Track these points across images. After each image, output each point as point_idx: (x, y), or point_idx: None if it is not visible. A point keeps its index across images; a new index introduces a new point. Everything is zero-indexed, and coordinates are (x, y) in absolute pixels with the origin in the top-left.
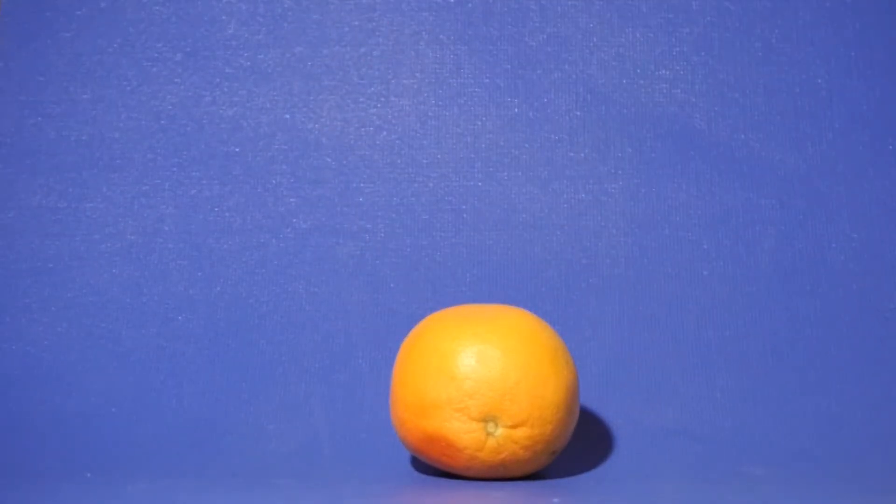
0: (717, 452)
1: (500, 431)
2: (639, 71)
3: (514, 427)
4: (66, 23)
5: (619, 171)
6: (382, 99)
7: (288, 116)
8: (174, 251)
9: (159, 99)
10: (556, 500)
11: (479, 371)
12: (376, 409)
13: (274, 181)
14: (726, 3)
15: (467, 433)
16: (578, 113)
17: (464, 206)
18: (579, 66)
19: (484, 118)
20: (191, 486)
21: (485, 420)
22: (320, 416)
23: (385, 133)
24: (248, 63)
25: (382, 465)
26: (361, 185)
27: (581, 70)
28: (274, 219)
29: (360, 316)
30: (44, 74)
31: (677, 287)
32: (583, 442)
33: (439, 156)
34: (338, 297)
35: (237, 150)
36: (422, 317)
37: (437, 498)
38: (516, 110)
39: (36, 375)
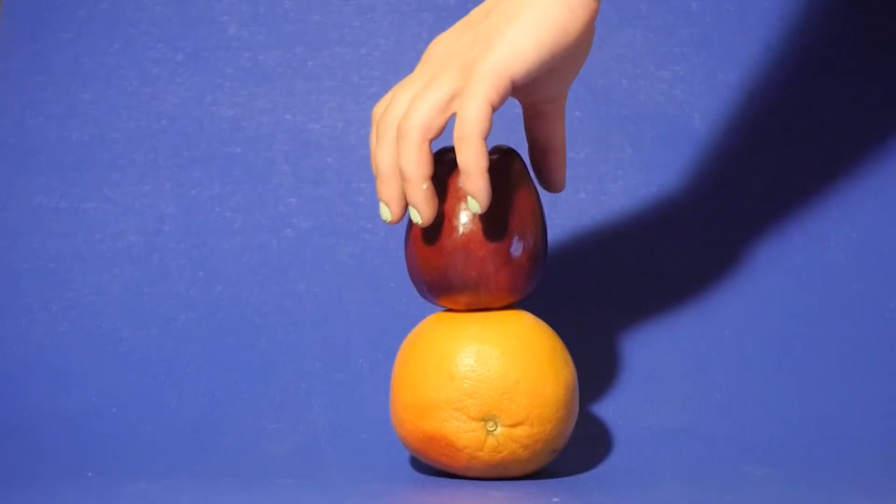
0: (717, 452)
1: (499, 430)
2: (639, 71)
3: (513, 426)
4: (66, 23)
5: (619, 171)
6: None
7: (289, 117)
8: (175, 251)
9: (160, 99)
10: (556, 499)
11: (478, 370)
12: (376, 409)
13: (274, 181)
14: (726, 3)
15: (467, 432)
16: (578, 113)
17: None
18: None
19: None
20: (191, 486)
21: (484, 419)
22: (321, 415)
23: None
24: (249, 64)
25: (382, 465)
26: (362, 185)
27: (581, 70)
28: (274, 219)
29: (360, 316)
30: (44, 75)
31: (677, 287)
32: (583, 442)
33: None
34: (338, 297)
35: (238, 150)
36: (422, 317)
37: (437, 498)
38: (516, 110)
39: (36, 375)
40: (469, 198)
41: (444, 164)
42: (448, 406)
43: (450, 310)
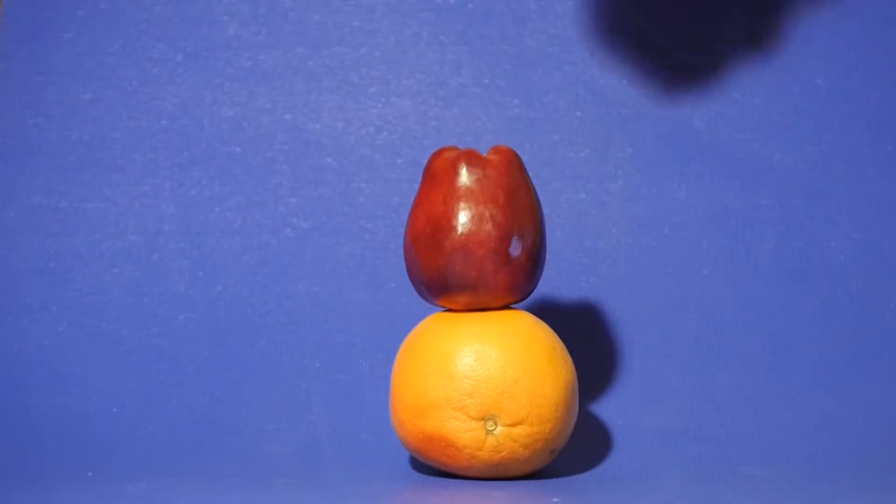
0: (717, 452)
1: (499, 430)
2: (639, 71)
3: (513, 425)
4: (66, 23)
5: (619, 171)
6: (383, 99)
7: (289, 117)
8: (175, 251)
9: (160, 99)
10: (556, 499)
11: (478, 370)
12: (376, 409)
13: (274, 181)
14: (727, 3)
15: (467, 432)
16: (578, 113)
17: None
18: (579, 66)
19: (484, 118)
20: (191, 486)
21: (484, 419)
22: (321, 415)
23: (385, 133)
24: (249, 63)
25: (382, 465)
26: (361, 185)
27: (581, 70)
28: (274, 219)
29: (360, 316)
30: (44, 74)
31: (677, 287)
32: (583, 442)
33: None
34: (338, 297)
35: (238, 150)
36: (422, 317)
37: (437, 498)
38: (516, 110)
39: (36, 375)
40: None
41: (443, 164)
42: (448, 406)
43: (449, 310)
